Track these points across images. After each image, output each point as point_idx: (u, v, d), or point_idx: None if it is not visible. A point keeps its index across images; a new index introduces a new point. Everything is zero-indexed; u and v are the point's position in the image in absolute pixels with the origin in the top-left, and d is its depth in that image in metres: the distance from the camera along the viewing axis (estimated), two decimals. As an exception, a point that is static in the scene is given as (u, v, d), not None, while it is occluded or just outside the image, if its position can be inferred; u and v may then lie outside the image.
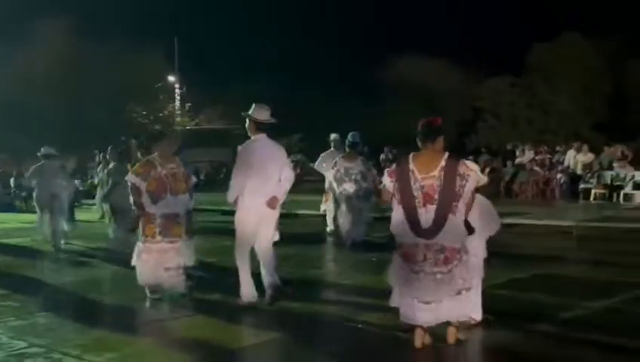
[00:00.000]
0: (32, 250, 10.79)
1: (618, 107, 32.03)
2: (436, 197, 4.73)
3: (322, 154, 11.84)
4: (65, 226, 11.12)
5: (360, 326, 5.65)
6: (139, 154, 15.98)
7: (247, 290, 6.40)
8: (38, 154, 11.23)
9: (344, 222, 10.53)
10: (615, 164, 17.53)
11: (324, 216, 11.74)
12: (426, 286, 4.76)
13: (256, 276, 6.49)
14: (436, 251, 4.77)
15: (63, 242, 10.78)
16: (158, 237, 6.69)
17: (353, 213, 10.44)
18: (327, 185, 11.33)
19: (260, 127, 6.47)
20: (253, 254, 6.51)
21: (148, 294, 6.79)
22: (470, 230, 4.88)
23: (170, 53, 37.25)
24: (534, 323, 5.56)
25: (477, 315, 5.22)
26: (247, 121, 6.51)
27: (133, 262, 6.83)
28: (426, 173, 4.79)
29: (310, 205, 14.48)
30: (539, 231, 11.62)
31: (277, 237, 6.56)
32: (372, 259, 9.28)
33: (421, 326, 4.81)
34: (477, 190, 5.16)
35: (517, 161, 20.30)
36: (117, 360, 4.78)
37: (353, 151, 10.74)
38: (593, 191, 17.16)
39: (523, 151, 20.65)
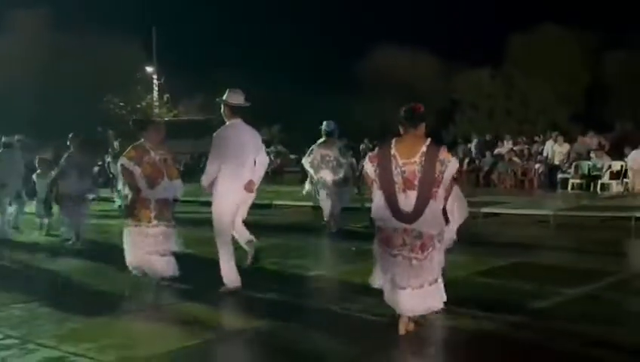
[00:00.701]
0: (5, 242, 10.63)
1: (596, 98, 32.37)
2: (416, 182, 4.74)
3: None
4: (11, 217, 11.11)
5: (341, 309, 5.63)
6: (116, 144, 15.99)
7: (232, 276, 6.41)
8: None
9: (325, 208, 10.56)
10: (592, 154, 17.70)
11: (313, 206, 11.74)
12: (402, 271, 4.78)
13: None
14: (414, 237, 4.78)
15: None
16: (154, 221, 6.69)
17: (332, 200, 10.48)
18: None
19: (234, 111, 6.48)
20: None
21: (132, 271, 6.77)
22: (447, 219, 4.91)
23: (148, 44, 36.90)
24: (513, 310, 5.58)
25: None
26: (222, 106, 6.51)
27: (125, 246, 6.80)
28: (407, 158, 4.79)
29: (290, 196, 14.47)
30: (517, 221, 11.70)
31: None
32: (352, 249, 9.30)
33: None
34: (454, 179, 5.22)
35: (496, 151, 20.45)
36: (94, 350, 4.71)
37: (330, 138, 10.74)
38: (571, 181, 17.31)
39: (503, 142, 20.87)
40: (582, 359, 4.52)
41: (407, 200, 4.75)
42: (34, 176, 11.58)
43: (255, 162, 6.47)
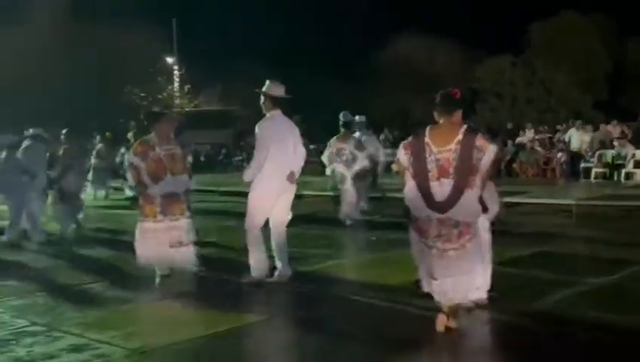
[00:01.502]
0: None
1: (618, 86, 31.94)
2: (451, 170, 4.62)
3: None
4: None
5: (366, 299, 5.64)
6: (130, 135, 16.07)
7: (260, 266, 6.38)
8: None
9: (342, 201, 10.56)
10: (615, 143, 17.50)
11: (332, 196, 11.74)
12: (438, 262, 4.69)
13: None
14: (450, 226, 4.66)
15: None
16: (159, 216, 6.67)
17: (349, 193, 10.47)
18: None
19: (275, 102, 6.44)
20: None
21: (157, 271, 6.80)
22: (484, 208, 4.79)
23: (169, 35, 37.08)
24: (535, 300, 5.56)
25: (484, 294, 5.18)
26: (263, 97, 6.46)
27: (136, 242, 6.83)
28: (442, 146, 4.66)
29: (310, 186, 14.49)
30: (539, 210, 11.61)
31: (289, 217, 6.57)
32: (372, 239, 9.32)
33: (444, 311, 4.76)
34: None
35: (517, 140, 20.29)
36: (119, 338, 4.78)
37: (347, 130, 10.70)
38: (594, 170, 17.15)
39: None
40: (607, 349, 4.48)
41: (442, 189, 4.63)
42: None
43: (294, 153, 6.47)
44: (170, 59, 37.59)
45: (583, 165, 17.66)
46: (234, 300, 5.95)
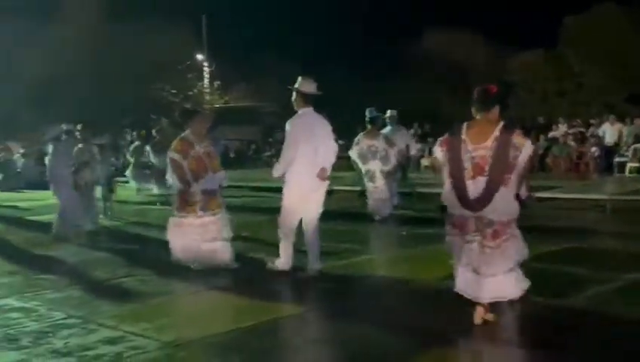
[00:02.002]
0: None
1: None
2: (487, 169, 4.56)
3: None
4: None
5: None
6: (154, 132, 16.23)
7: (285, 259, 6.52)
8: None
9: (371, 198, 10.55)
10: (650, 137, 17.20)
11: (359, 191, 11.76)
12: (478, 257, 4.66)
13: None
14: (485, 224, 4.63)
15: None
16: (200, 213, 6.81)
17: (381, 190, 10.45)
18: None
19: (307, 99, 6.46)
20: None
21: (191, 266, 6.92)
22: (521, 204, 4.71)
23: (199, 32, 37.30)
24: (568, 296, 5.52)
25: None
26: (294, 94, 6.49)
27: (169, 237, 6.99)
28: (478, 143, 4.61)
29: (339, 181, 14.50)
30: (572, 205, 11.47)
31: (320, 210, 6.61)
32: (402, 233, 9.32)
33: (482, 304, 4.73)
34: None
35: (550, 134, 20.05)
36: (153, 330, 4.85)
37: (374, 127, 10.67)
38: (628, 165, 16.88)
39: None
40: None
41: (477, 187, 4.59)
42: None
43: (326, 150, 6.48)
44: (200, 56, 37.85)
45: (617, 160, 17.40)
46: (266, 294, 6.00)
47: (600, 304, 5.36)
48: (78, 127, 10.58)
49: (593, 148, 18.30)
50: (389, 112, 11.88)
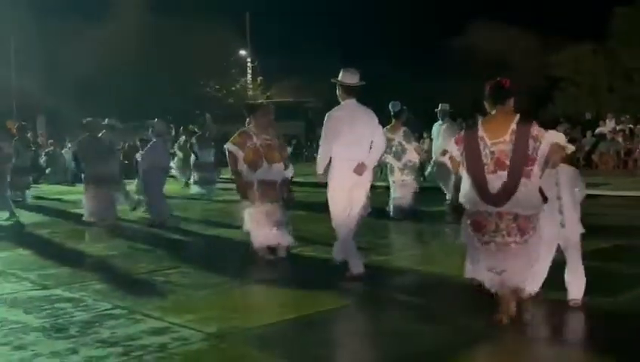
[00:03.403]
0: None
1: None
2: (508, 162, 4.49)
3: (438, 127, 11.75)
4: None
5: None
6: (196, 127, 16.44)
7: (353, 263, 6.24)
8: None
9: (391, 193, 10.46)
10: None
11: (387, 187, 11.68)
12: (496, 257, 4.58)
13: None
14: (509, 220, 4.55)
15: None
16: (258, 202, 7.01)
17: (399, 185, 10.35)
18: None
19: (349, 91, 6.28)
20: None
21: (265, 256, 7.09)
22: (545, 198, 4.60)
23: (243, 27, 37.58)
24: (616, 293, 5.40)
25: (581, 293, 5.05)
26: (337, 87, 6.34)
27: (247, 227, 7.16)
28: (496, 137, 4.54)
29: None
30: (620, 203, 11.21)
31: (368, 210, 6.39)
32: (445, 231, 9.24)
33: (503, 297, 4.66)
34: (563, 160, 4.91)
35: (597, 130, 19.60)
36: (196, 322, 4.91)
37: (397, 121, 10.54)
38: (679, 162, 16.40)
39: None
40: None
41: (498, 182, 4.51)
42: (137, 156, 12.12)
43: (371, 144, 6.23)
44: (243, 52, 38.14)
45: (667, 156, 16.93)
46: (308, 288, 5.99)
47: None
48: (84, 121, 10.83)
49: (642, 145, 17.85)
50: (440, 106, 11.78)
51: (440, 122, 11.59)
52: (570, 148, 4.80)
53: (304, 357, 4.29)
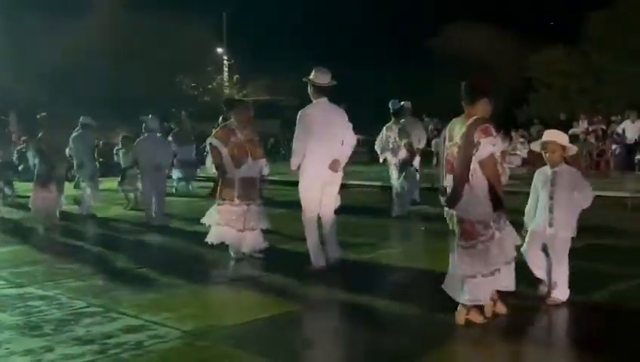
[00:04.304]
0: (86, 216, 11.07)
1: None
2: (455, 165, 4.47)
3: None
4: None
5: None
6: (172, 125, 16.35)
7: (317, 258, 6.43)
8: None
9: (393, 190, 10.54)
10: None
11: (381, 186, 11.75)
12: (457, 258, 4.58)
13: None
14: (456, 222, 4.54)
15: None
16: (237, 201, 6.94)
17: (396, 183, 10.42)
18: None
19: (321, 90, 6.40)
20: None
21: (232, 254, 7.07)
22: (497, 204, 4.47)
23: (219, 26, 37.40)
24: (590, 292, 5.48)
25: (563, 295, 5.08)
26: (309, 86, 6.46)
27: (207, 221, 7.12)
28: (452, 139, 4.54)
29: (358, 175, 14.50)
30: (592, 202, 11.33)
31: (338, 203, 6.57)
32: (421, 228, 9.29)
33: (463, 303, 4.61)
34: (566, 161, 4.96)
35: (570, 131, 19.85)
36: (174, 320, 4.89)
37: (395, 118, 10.62)
38: (650, 163, 16.69)
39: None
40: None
41: (450, 184, 4.53)
42: (119, 153, 12.06)
43: (343, 142, 6.40)
44: (219, 50, 37.97)
45: (638, 157, 17.20)
46: (286, 286, 6.02)
47: (624, 300, 5.34)
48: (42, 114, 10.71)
49: (614, 146, 18.11)
50: (402, 103, 11.78)
51: (403, 120, 11.58)
52: (573, 149, 4.85)
53: (281, 354, 4.30)
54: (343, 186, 6.73)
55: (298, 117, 6.40)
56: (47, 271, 6.82)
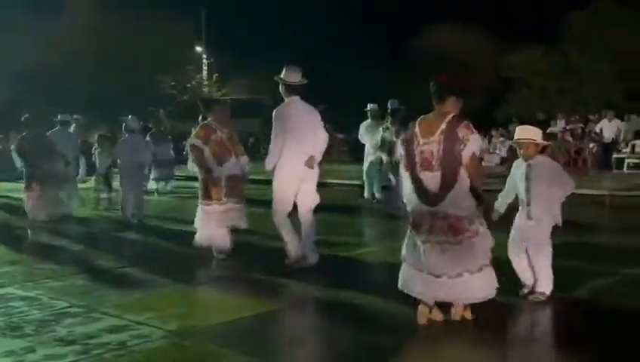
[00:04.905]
0: (68, 215, 10.98)
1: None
2: (434, 163, 4.46)
3: (362, 125, 11.77)
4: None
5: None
6: (150, 123, 16.31)
7: (294, 250, 6.48)
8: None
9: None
10: (649, 134, 17.25)
11: (361, 185, 11.78)
12: (435, 258, 4.52)
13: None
14: (441, 219, 4.50)
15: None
16: (224, 199, 6.93)
17: (389, 182, 10.51)
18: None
19: (292, 89, 6.46)
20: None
21: (215, 254, 7.04)
22: (479, 200, 4.53)
23: (198, 24, 37.23)
24: (569, 289, 5.53)
25: (546, 288, 5.13)
26: (280, 85, 6.50)
27: (197, 224, 7.09)
28: (427, 137, 4.51)
29: (338, 174, 14.55)
30: (571, 200, 11.45)
31: (317, 201, 6.59)
32: (402, 226, 9.32)
33: (425, 302, 4.62)
34: (542, 152, 5.04)
35: (548, 130, 20.05)
36: (157, 319, 4.87)
37: (393, 119, 10.71)
38: (627, 161, 16.91)
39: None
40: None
41: (430, 181, 4.49)
42: (95, 153, 11.96)
43: (315, 139, 6.45)
44: (199, 48, 37.80)
45: (615, 155, 17.43)
46: (266, 285, 6.01)
47: (603, 297, 5.42)
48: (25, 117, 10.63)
49: (591, 145, 18.33)
50: (369, 106, 11.77)
51: (369, 121, 11.64)
52: (543, 142, 4.90)
53: (264, 353, 4.30)
54: (324, 185, 6.75)
55: (273, 116, 6.44)
56: (27, 272, 6.76)
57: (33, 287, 5.99)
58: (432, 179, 4.50)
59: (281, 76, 6.48)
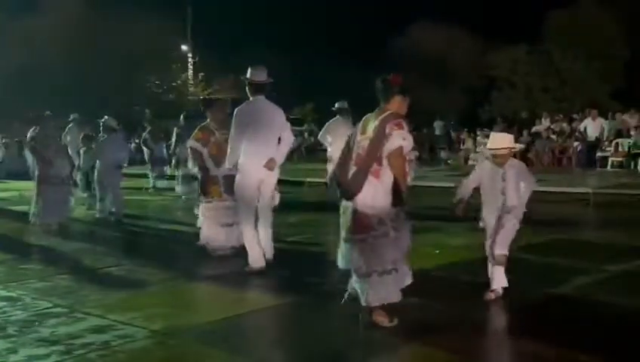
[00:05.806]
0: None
1: (636, 75, 31.56)
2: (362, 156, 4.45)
3: (327, 123, 11.56)
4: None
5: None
6: (144, 123, 16.29)
7: (255, 255, 6.32)
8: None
9: None
10: (633, 132, 17.39)
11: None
12: (349, 254, 4.54)
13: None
14: (350, 213, 4.48)
15: None
16: (224, 196, 7.04)
17: None
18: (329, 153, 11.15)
19: (258, 88, 6.39)
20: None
21: (216, 252, 7.07)
22: (397, 200, 4.44)
23: (184, 22, 37.09)
24: (552, 286, 5.56)
25: (500, 282, 5.15)
26: (247, 84, 6.45)
27: (200, 223, 7.18)
28: (364, 133, 4.52)
29: (323, 174, 14.49)
30: (555, 198, 11.55)
31: (276, 201, 6.57)
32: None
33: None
34: (515, 156, 5.08)
35: (533, 129, 20.20)
36: (141, 319, 4.82)
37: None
38: (610, 159, 17.06)
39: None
40: (627, 335, 4.47)
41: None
42: (81, 152, 11.89)
43: (279, 140, 6.34)
44: (184, 47, 37.64)
45: (599, 154, 17.57)
46: (253, 285, 5.99)
47: (588, 293, 5.43)
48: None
49: (575, 143, 18.46)
50: (337, 104, 11.57)
51: (338, 118, 11.53)
52: (518, 146, 4.93)
53: (250, 352, 4.28)
54: (309, 184, 6.73)
55: (234, 114, 6.37)
56: (10, 272, 6.68)
57: (16, 287, 5.92)
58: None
59: (247, 75, 6.44)
